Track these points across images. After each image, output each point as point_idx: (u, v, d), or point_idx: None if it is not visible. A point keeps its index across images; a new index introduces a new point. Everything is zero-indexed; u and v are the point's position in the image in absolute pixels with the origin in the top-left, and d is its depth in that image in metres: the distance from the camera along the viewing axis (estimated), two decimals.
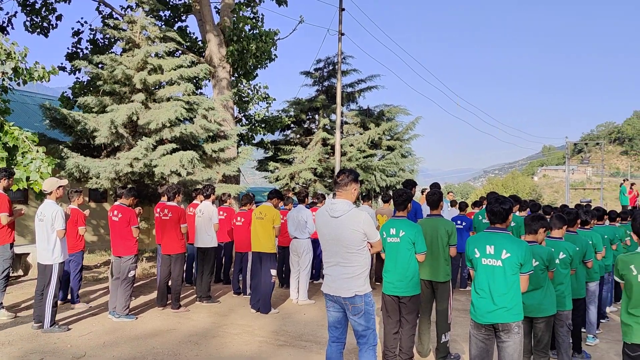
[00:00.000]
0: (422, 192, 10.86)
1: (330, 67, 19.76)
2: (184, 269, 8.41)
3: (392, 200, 6.20)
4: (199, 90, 15.01)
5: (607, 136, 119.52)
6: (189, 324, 7.04)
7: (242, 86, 15.87)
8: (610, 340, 6.53)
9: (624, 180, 20.47)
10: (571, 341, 5.66)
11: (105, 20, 13.39)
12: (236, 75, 15.37)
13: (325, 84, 19.99)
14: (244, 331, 6.76)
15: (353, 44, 18.55)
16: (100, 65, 10.91)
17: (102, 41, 14.14)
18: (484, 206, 6.45)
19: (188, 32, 15.59)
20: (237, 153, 13.76)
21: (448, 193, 14.46)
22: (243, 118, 16.51)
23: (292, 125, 19.64)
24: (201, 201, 8.84)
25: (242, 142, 16.09)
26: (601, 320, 7.25)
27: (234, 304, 8.36)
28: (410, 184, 7.68)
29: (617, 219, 8.80)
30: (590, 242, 6.13)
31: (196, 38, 15.52)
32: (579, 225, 6.38)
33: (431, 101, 29.02)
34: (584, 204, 13.08)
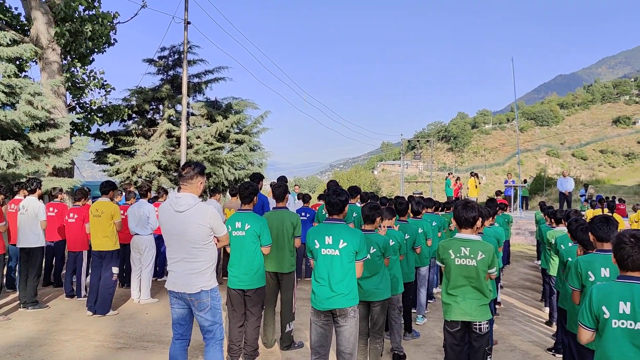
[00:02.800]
0: (271, 185, 10.98)
1: (176, 56, 18.99)
2: (4, 272, 7.47)
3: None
4: (24, 73, 13.40)
5: (436, 134, 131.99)
6: (9, 335, 6.26)
7: (76, 71, 14.50)
8: (436, 319, 7.25)
9: (449, 174, 22.90)
10: (403, 322, 6.16)
11: None
12: (69, 58, 14.02)
13: (171, 73, 19.17)
14: (78, 336, 6.22)
15: (200, 34, 18.02)
16: None
17: None
18: None
19: (7, 6, 13.79)
20: (70, 144, 12.60)
21: (295, 186, 14.83)
22: (77, 106, 15.12)
23: (133, 115, 18.53)
24: (25, 196, 7.91)
25: (76, 132, 14.73)
26: (429, 301, 8.01)
27: (67, 308, 7.65)
28: (258, 178, 7.70)
29: (444, 209, 9.79)
30: (421, 230, 6.71)
31: (19, 14, 13.81)
32: (412, 215, 6.95)
33: (280, 96, 29.48)
34: (416, 195, 14.33)
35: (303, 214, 9.41)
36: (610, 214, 10.72)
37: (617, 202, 15.67)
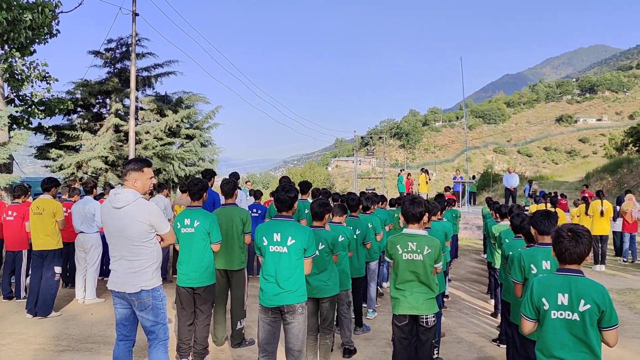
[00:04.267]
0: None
1: (124, 49, 18.45)
2: None
3: None
4: None
5: (388, 131, 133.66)
6: None
7: (14, 62, 13.80)
8: (386, 313, 7.33)
9: (401, 170, 23.25)
10: (353, 317, 6.21)
11: None
12: (7, 48, 13.33)
13: (118, 66, 18.61)
14: (16, 340, 5.94)
15: (149, 26, 17.51)
16: None
17: None
18: None
19: None
20: (9, 138, 12.01)
21: (246, 182, 14.71)
22: (16, 98, 14.41)
23: (78, 109, 17.87)
24: None
25: (15, 126, 14.04)
26: (378, 295, 8.10)
27: (4, 310, 7.30)
28: (209, 174, 7.54)
29: (396, 204, 9.92)
30: (371, 225, 6.78)
31: None
32: (362, 210, 7.00)
33: (232, 91, 29.13)
34: (369, 191, 14.48)
35: (254, 210, 9.35)
36: (552, 209, 11.18)
37: (559, 198, 16.30)
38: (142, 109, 18.77)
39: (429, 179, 20.82)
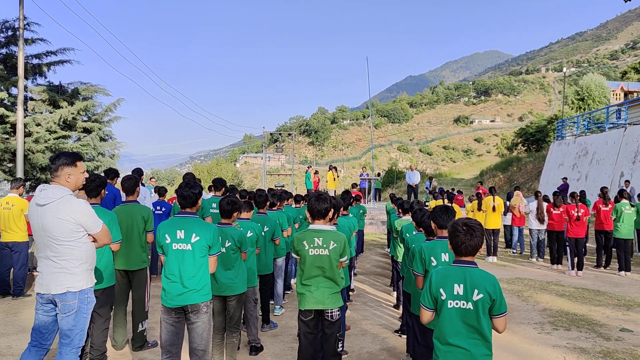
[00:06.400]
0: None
1: (10, 33, 16.96)
2: None
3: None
4: None
5: (297, 128, 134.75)
6: None
7: None
8: (294, 309, 7.37)
9: (308, 167, 23.46)
10: (260, 314, 6.17)
11: None
12: None
13: (3, 51, 17.09)
14: None
15: (39, 10, 16.18)
16: None
17: None
18: None
19: None
20: None
21: (150, 179, 14.13)
22: None
23: None
24: None
25: None
26: (286, 292, 8.13)
27: None
28: (113, 174, 7.12)
29: (302, 201, 9.98)
30: (278, 222, 6.77)
31: None
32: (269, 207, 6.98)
33: (134, 83, 27.84)
34: (278, 188, 14.45)
35: (159, 207, 9.02)
36: (449, 204, 11.81)
37: (456, 194, 17.28)
38: (32, 99, 17.40)
39: (337, 176, 21.21)
